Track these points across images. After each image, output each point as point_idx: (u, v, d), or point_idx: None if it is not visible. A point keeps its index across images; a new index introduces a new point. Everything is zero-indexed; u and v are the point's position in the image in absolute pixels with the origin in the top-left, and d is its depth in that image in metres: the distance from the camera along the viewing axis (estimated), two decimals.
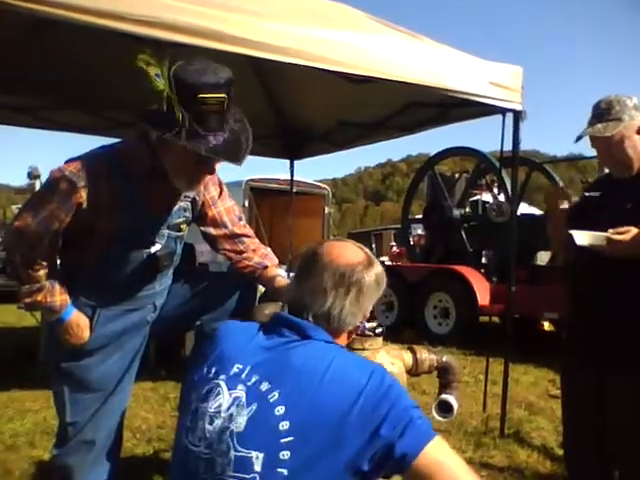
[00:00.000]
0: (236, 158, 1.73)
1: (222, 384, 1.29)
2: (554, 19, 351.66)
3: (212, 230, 2.13)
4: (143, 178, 1.82)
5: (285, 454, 1.17)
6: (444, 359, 2.14)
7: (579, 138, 2.19)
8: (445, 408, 2.13)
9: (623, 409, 2.10)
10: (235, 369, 1.31)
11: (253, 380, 1.27)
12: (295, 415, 1.20)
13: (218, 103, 1.65)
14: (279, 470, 1.16)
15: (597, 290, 2.16)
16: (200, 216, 2.11)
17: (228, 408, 1.25)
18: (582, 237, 2.06)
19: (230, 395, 1.27)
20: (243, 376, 1.29)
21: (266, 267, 2.12)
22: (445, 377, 2.16)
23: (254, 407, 1.23)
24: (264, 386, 1.25)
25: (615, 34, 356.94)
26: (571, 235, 2.08)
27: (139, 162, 1.82)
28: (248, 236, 2.17)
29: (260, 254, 2.15)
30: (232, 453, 1.20)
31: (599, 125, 2.12)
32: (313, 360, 1.28)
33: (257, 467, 1.17)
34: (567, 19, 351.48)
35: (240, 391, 1.27)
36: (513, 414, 4.44)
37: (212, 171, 1.85)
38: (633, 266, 2.03)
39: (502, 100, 3.80)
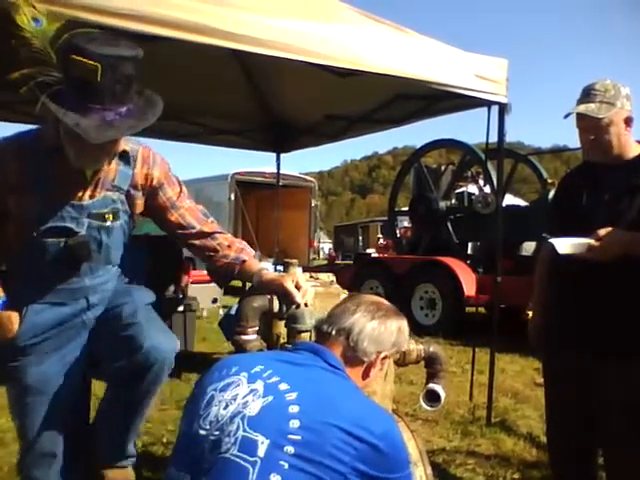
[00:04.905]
0: (91, 134, 1.57)
1: (243, 379, 1.36)
2: (540, 11, 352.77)
3: (180, 233, 2.05)
4: (50, 156, 1.75)
5: (289, 449, 1.20)
6: (431, 349, 2.15)
7: (568, 114, 2.20)
8: (433, 397, 2.15)
9: (608, 395, 2.13)
10: (257, 369, 1.38)
11: (273, 380, 1.33)
12: (306, 420, 1.23)
13: (88, 70, 1.54)
14: (281, 463, 1.19)
15: (579, 277, 2.18)
16: (163, 222, 2.04)
17: (244, 396, 1.31)
18: (564, 246, 2.09)
19: (248, 387, 1.33)
20: (264, 375, 1.36)
21: (244, 261, 2.05)
22: (432, 367, 2.18)
23: (270, 399, 1.28)
24: (283, 386, 1.31)
25: (602, 28, 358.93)
26: (552, 244, 2.11)
27: (47, 139, 1.76)
28: (219, 232, 2.08)
29: (235, 249, 2.06)
30: (240, 433, 1.23)
31: (593, 105, 2.12)
32: (332, 385, 1.36)
33: (260, 452, 1.20)
34: (553, 12, 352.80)
35: (259, 385, 1.33)
36: (499, 403, 4.49)
37: (98, 148, 1.67)
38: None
39: (487, 93, 3.82)
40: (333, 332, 1.50)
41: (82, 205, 1.82)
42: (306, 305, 1.91)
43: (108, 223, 1.89)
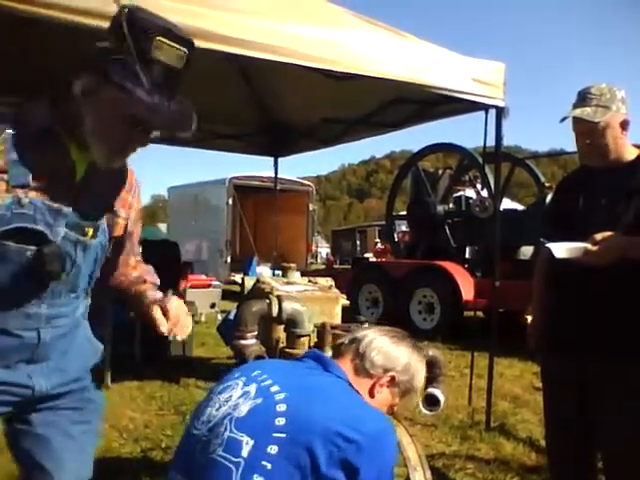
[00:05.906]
0: (183, 127, 1.42)
1: (240, 382, 1.41)
2: (537, 15, 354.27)
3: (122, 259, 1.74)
4: (34, 142, 1.42)
5: (273, 448, 1.21)
6: (430, 353, 2.15)
7: (564, 118, 2.20)
8: (432, 402, 2.15)
9: (607, 397, 2.13)
10: (255, 373, 1.43)
11: (267, 383, 1.37)
12: (293, 418, 1.25)
13: (177, 57, 1.36)
14: (263, 463, 1.20)
15: (578, 280, 2.19)
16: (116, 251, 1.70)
17: (237, 399, 1.35)
18: (560, 250, 2.10)
19: (242, 390, 1.37)
20: (259, 378, 1.40)
21: (145, 281, 1.73)
22: (431, 371, 2.17)
23: (259, 400, 1.32)
24: (274, 388, 1.35)
25: (601, 30, 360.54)
26: (549, 249, 2.12)
27: (36, 120, 1.43)
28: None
29: (140, 270, 1.78)
30: (226, 434, 1.26)
31: (589, 109, 2.13)
32: (327, 387, 1.39)
33: (244, 453, 1.22)
34: (550, 15, 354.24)
35: (251, 388, 1.37)
36: (498, 407, 4.49)
37: (145, 140, 1.46)
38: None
39: (485, 96, 3.83)
40: (346, 341, 1.58)
41: (61, 210, 1.44)
42: (175, 336, 1.51)
43: (85, 239, 1.52)
